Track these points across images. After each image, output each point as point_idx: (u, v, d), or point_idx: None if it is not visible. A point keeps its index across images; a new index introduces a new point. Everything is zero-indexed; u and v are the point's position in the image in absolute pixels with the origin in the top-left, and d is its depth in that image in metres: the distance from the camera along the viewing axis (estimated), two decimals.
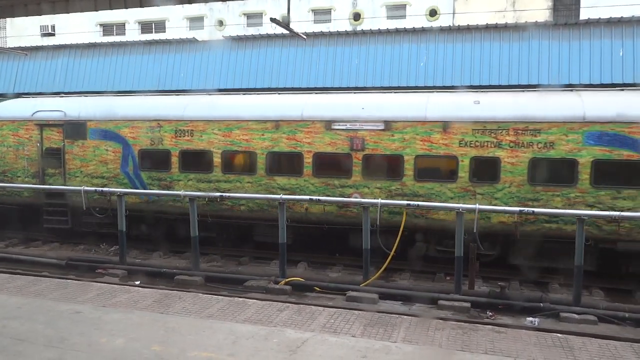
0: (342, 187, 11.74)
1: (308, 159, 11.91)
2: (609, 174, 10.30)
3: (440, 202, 10.86)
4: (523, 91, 12.27)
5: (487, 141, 10.82)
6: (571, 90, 11.89)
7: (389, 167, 11.55)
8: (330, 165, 11.94)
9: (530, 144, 10.56)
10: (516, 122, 10.69)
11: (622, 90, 11.73)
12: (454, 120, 11.06)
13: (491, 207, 10.40)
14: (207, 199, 11.93)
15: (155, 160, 13.17)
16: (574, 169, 10.38)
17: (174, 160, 12.90)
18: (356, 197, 11.42)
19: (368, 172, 11.58)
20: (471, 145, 10.92)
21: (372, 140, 11.50)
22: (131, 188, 13.10)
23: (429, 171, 11.35)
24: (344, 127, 11.66)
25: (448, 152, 11.07)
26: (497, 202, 10.70)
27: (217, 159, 12.56)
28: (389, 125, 11.41)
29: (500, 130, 10.74)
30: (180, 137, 12.82)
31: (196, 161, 12.84)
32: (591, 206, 10.19)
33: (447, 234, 10.40)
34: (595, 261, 10.41)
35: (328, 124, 11.77)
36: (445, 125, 11.08)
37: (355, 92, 13.54)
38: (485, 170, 10.93)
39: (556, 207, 10.26)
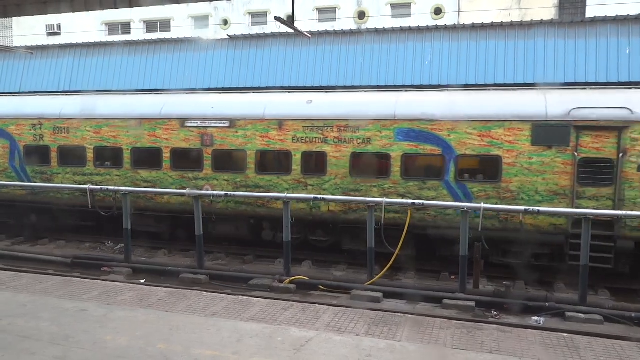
0: (195, 179, 12.88)
1: (166, 154, 13.05)
2: (416, 167, 11.54)
3: (275, 193, 11.93)
4: (360, 92, 13.22)
5: (316, 137, 11.92)
6: (388, 90, 13.28)
7: (234, 161, 12.74)
8: (185, 160, 13.01)
9: (351, 139, 11.67)
10: (339, 119, 11.77)
11: (434, 91, 13.00)
12: (288, 118, 12.15)
13: (495, 206, 10.37)
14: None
15: (37, 155, 14.31)
16: (388, 162, 11.46)
17: (53, 155, 14.09)
18: (207, 189, 12.58)
19: (217, 165, 12.74)
20: (302, 141, 12.01)
21: (219, 136, 12.64)
22: (18, 181, 14.45)
23: (268, 164, 12.60)
24: (195, 125, 12.82)
25: (283, 148, 12.19)
26: (325, 192, 11.83)
27: (90, 154, 13.75)
28: (233, 122, 12.53)
29: (326, 128, 11.82)
30: (58, 134, 14.02)
31: (72, 156, 14.01)
32: (402, 196, 11.33)
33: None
34: (414, 246, 11.38)
35: (182, 121, 12.90)
36: (280, 123, 12.17)
37: (208, 93, 14.83)
38: (315, 163, 12.09)
39: (373, 197, 11.19)
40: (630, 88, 11.71)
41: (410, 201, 10.57)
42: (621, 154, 10.17)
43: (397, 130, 11.38)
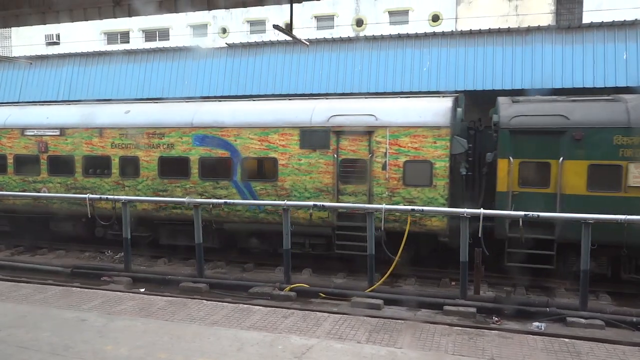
0: (34, 182, 14.31)
1: (10, 160, 14.56)
2: (210, 169, 12.86)
3: (99, 194, 13.17)
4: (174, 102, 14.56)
5: (130, 143, 13.38)
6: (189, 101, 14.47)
7: (65, 165, 14.01)
8: (26, 165, 14.46)
9: (159, 145, 13.14)
10: (148, 127, 13.24)
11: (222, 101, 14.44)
12: (107, 126, 13.67)
13: (495, 211, 10.38)
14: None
15: None
16: (188, 165, 12.89)
17: None
18: (44, 191, 14.04)
19: (52, 170, 14.15)
20: (119, 147, 13.50)
21: (52, 143, 14.10)
22: None
23: (93, 168, 13.84)
24: (33, 133, 14.30)
25: (104, 153, 13.65)
26: (140, 192, 13.22)
27: None
28: (63, 131, 14.00)
29: (138, 135, 13.27)
30: None
31: None
32: (201, 194, 12.74)
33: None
34: (217, 240, 13.14)
35: (22, 130, 14.40)
36: (101, 131, 13.67)
37: (44, 105, 15.91)
38: (130, 167, 13.45)
39: (178, 196, 12.66)
40: (377, 97, 13.25)
41: (410, 207, 10.58)
42: (370, 155, 11.53)
43: (194, 136, 12.87)
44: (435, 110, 11.55)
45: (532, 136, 10.79)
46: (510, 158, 10.76)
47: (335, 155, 11.79)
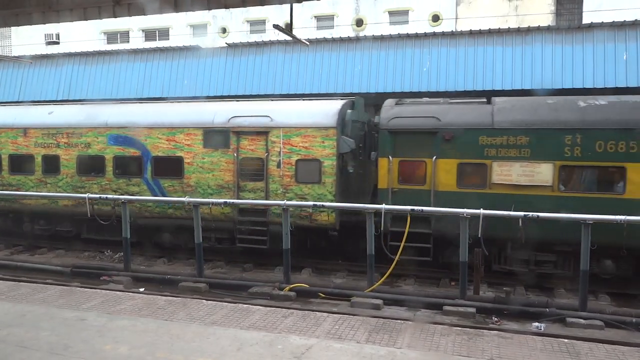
0: None
1: None
2: (123, 167, 13.59)
3: (23, 191, 14.08)
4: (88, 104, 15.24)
5: (51, 142, 14.02)
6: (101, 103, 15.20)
7: None
8: None
9: (77, 144, 13.81)
10: (68, 127, 13.93)
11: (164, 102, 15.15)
12: (31, 126, 14.33)
13: (495, 212, 10.37)
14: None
15: None
16: (104, 163, 13.62)
17: None
18: None
19: None
20: (42, 146, 14.12)
21: None
22: None
23: (19, 166, 14.51)
24: None
25: (28, 152, 14.29)
26: (60, 189, 13.88)
27: None
28: None
29: (59, 134, 13.91)
30: None
31: None
32: (115, 191, 13.39)
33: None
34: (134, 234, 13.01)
35: None
36: (25, 131, 14.32)
37: None
38: (52, 164, 14.06)
39: (95, 193, 13.19)
40: (273, 100, 13.96)
41: (409, 207, 10.57)
42: (267, 154, 12.22)
43: (109, 136, 13.58)
44: (324, 112, 12.23)
45: (409, 136, 11.42)
46: (390, 157, 11.40)
47: (236, 154, 12.50)
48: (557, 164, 10.51)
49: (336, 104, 12.36)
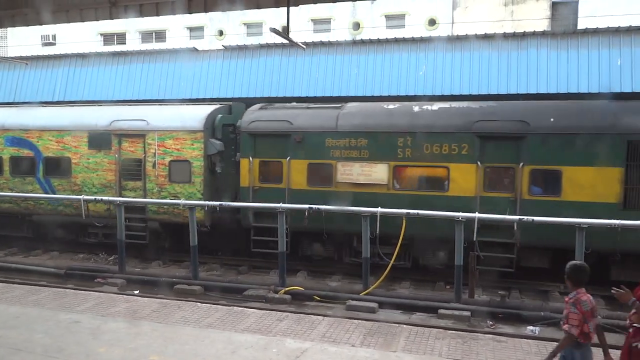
0: None
1: None
2: (19, 167, 14.40)
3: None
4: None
5: None
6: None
7: None
8: None
9: None
10: None
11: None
12: None
13: (491, 215, 10.40)
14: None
15: None
16: (1, 163, 14.37)
17: None
18: None
19: None
20: None
21: None
22: None
23: None
24: None
25: None
26: None
27: None
28: None
29: None
30: None
31: None
32: (12, 189, 14.28)
33: None
34: (30, 230, 14.78)
35: None
36: None
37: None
38: None
39: None
40: (151, 104, 14.99)
41: (405, 211, 10.57)
42: (144, 155, 13.06)
43: (6, 137, 14.38)
44: (194, 117, 13.14)
45: (267, 139, 12.41)
46: (250, 158, 12.37)
47: (117, 155, 13.40)
48: (391, 164, 11.42)
49: (206, 110, 13.32)
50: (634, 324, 4.69)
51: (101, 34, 34.24)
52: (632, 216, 9.49)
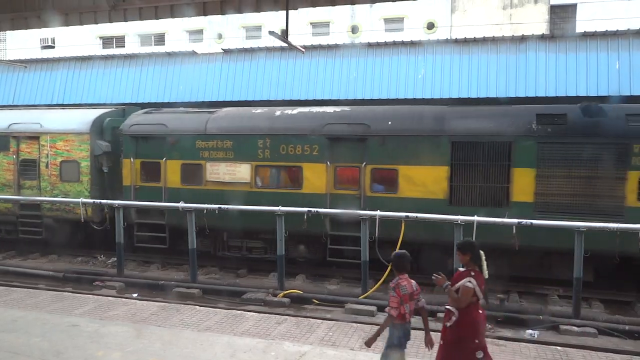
0: None
1: None
2: None
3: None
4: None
5: None
6: None
7: None
8: None
9: None
10: None
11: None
12: None
13: (488, 218, 10.40)
14: None
15: None
16: None
17: None
18: None
19: None
20: None
21: None
22: None
23: None
24: None
25: None
26: None
27: None
28: None
29: None
30: None
31: None
32: None
33: None
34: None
35: None
36: None
37: None
38: None
39: None
40: (45, 109, 15.93)
41: (404, 214, 10.59)
42: (39, 156, 14.15)
43: None
44: (82, 120, 14.14)
45: (146, 141, 13.33)
46: (132, 158, 13.28)
47: (16, 156, 14.41)
48: (253, 164, 12.35)
49: (94, 113, 14.44)
50: (447, 306, 5.23)
51: (100, 37, 34.26)
52: (456, 212, 10.25)
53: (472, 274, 5.07)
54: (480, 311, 5.16)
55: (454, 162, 11.05)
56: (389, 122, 11.70)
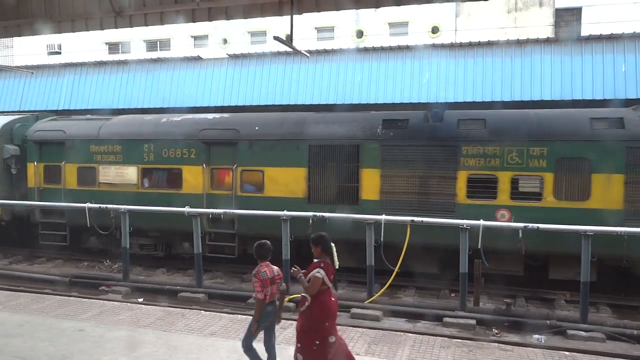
0: None
1: None
2: None
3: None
4: None
5: None
6: None
7: None
8: None
9: None
10: None
11: None
12: None
13: (495, 223, 10.37)
14: None
15: None
16: None
17: None
18: None
19: None
20: None
21: None
22: None
23: None
24: None
25: None
26: None
27: None
28: None
29: None
30: None
31: None
32: None
33: None
34: None
35: None
36: None
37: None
38: None
39: None
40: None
41: (409, 218, 10.56)
42: None
43: None
44: None
45: (48, 146, 14.20)
46: (35, 162, 14.21)
47: None
48: (140, 166, 13.28)
49: (4, 119, 15.26)
50: (302, 294, 5.59)
51: (106, 43, 34.47)
52: (315, 209, 11.09)
53: (322, 265, 5.50)
54: (333, 298, 5.61)
55: (311, 164, 11.99)
56: (256, 127, 12.66)
